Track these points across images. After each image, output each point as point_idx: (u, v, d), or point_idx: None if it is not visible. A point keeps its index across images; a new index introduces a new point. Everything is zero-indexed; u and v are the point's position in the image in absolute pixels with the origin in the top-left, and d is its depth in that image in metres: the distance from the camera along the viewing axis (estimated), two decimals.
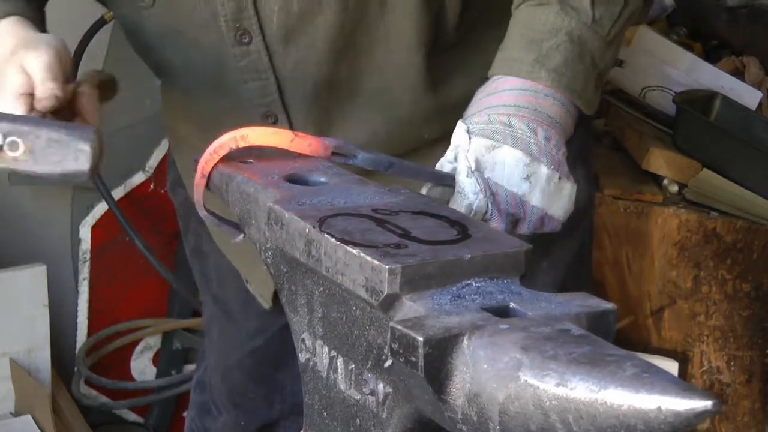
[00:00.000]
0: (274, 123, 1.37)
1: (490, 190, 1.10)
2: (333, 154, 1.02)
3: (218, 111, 1.40)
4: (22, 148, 1.01)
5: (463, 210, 1.09)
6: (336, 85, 1.35)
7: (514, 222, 1.13)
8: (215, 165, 1.03)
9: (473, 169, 1.09)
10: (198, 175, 1.04)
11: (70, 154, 1.01)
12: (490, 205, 1.10)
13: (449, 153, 1.13)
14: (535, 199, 1.12)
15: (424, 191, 1.12)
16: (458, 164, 1.11)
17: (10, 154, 1.01)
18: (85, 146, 1.02)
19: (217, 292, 1.69)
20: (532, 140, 1.12)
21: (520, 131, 1.12)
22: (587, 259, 1.65)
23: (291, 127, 1.37)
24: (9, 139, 1.01)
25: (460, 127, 1.14)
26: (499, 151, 1.11)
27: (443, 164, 1.13)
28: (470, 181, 1.09)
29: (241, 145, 1.01)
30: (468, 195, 1.09)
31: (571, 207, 1.16)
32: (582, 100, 1.20)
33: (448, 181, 1.11)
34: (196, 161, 1.05)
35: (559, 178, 1.13)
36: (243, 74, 1.34)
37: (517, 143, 1.11)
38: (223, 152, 1.02)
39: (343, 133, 1.36)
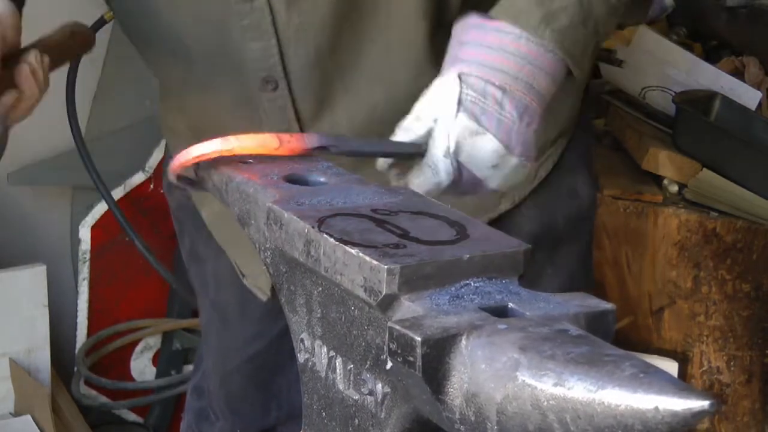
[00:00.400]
0: (274, 90, 1.35)
1: (459, 171, 1.11)
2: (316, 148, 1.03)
3: (217, 81, 1.39)
4: None
5: (429, 186, 1.10)
6: (338, 53, 1.34)
7: (460, 194, 1.15)
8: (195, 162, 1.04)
9: (452, 150, 1.10)
10: (175, 163, 1.05)
11: None
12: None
13: (434, 102, 1.13)
14: (493, 183, 1.14)
15: (383, 165, 1.12)
16: (436, 139, 1.11)
17: None
18: None
19: (214, 297, 1.68)
20: (515, 127, 1.13)
21: (507, 116, 1.12)
22: (589, 261, 1.65)
23: (291, 96, 1.36)
24: None
25: (453, 84, 1.13)
26: (481, 138, 1.11)
27: (420, 115, 1.12)
28: (447, 162, 1.10)
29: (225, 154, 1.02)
30: (441, 174, 1.10)
31: (516, 184, 1.17)
32: (577, 65, 1.20)
33: (412, 150, 1.12)
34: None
35: (523, 165, 1.14)
36: (245, 33, 1.32)
37: (501, 131, 1.12)
38: (205, 158, 1.03)
39: (344, 105, 1.36)
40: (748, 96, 2.77)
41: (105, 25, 2.51)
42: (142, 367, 2.92)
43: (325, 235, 0.84)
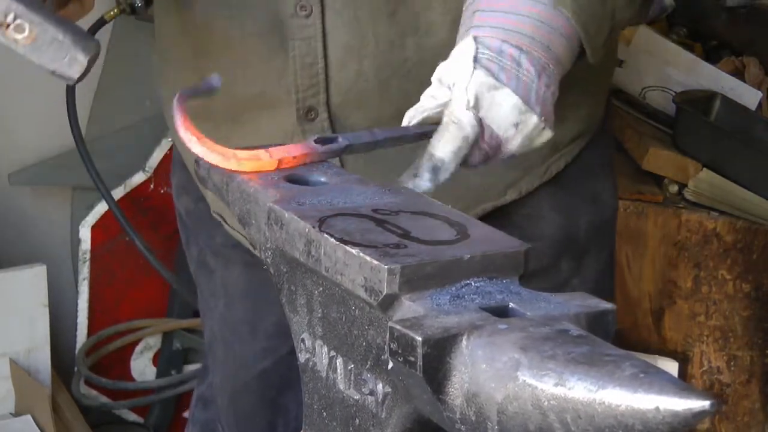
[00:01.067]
0: (308, 16, 1.32)
1: (481, 127, 1.10)
2: (316, 141, 1.02)
3: (250, 4, 1.34)
4: (26, 33, 1.02)
5: (458, 142, 1.08)
6: None
7: (485, 159, 1.13)
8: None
9: (472, 104, 1.09)
10: (181, 122, 1.03)
11: (67, 59, 1.03)
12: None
13: (454, 66, 1.11)
14: (514, 146, 1.12)
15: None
16: (455, 95, 1.09)
17: (14, 35, 1.02)
18: (83, 57, 1.03)
19: (224, 311, 1.64)
20: (533, 86, 1.11)
21: (526, 74, 1.11)
22: (612, 269, 1.63)
23: (323, 27, 1.32)
24: (18, 21, 1.01)
25: (469, 45, 1.11)
26: (500, 92, 1.10)
27: (443, 79, 1.10)
28: (469, 114, 1.08)
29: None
30: (466, 127, 1.08)
31: (537, 148, 1.16)
32: (590, 44, 1.18)
33: (419, 132, 1.10)
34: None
35: (543, 128, 1.13)
36: None
37: (519, 88, 1.10)
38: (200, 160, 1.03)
39: (373, 56, 1.33)
40: (748, 96, 2.77)
41: (105, 25, 2.51)
42: (142, 367, 2.92)
43: (325, 235, 0.84)
